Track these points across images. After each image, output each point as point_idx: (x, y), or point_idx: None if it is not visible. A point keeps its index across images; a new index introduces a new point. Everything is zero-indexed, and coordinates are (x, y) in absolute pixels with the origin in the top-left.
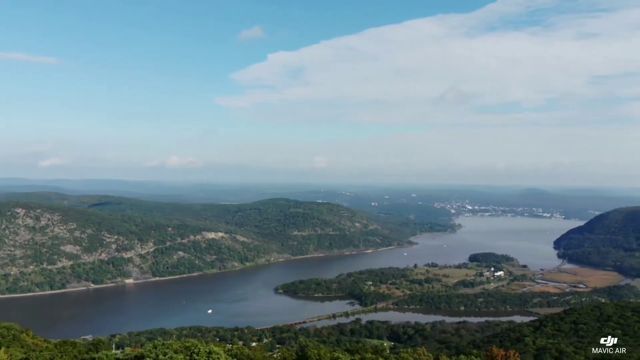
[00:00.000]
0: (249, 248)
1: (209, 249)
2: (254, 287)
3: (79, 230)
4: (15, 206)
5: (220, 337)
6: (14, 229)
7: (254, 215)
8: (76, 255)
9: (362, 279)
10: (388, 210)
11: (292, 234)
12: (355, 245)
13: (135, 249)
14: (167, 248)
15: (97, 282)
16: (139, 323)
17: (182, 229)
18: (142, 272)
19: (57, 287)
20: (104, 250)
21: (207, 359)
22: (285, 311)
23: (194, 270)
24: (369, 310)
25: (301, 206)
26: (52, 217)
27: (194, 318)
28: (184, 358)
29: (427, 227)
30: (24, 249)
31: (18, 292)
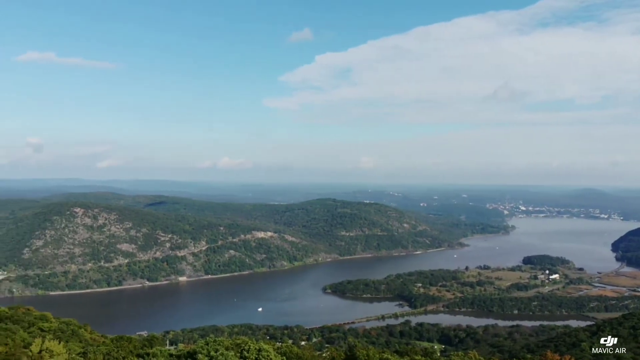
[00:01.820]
0: (297, 248)
1: (258, 248)
2: (302, 286)
3: (134, 229)
4: (74, 206)
5: (270, 335)
6: (73, 227)
7: (302, 215)
8: (132, 254)
9: (411, 280)
10: (437, 210)
11: (340, 234)
12: (404, 246)
13: (189, 247)
14: (219, 247)
15: (152, 279)
16: (192, 320)
17: (233, 228)
18: (195, 270)
19: (114, 284)
20: (159, 248)
21: (257, 356)
22: (333, 311)
23: (245, 269)
24: (418, 312)
25: (348, 206)
26: (109, 217)
27: (244, 316)
28: (235, 355)
29: (478, 229)
30: (83, 247)
31: (77, 288)
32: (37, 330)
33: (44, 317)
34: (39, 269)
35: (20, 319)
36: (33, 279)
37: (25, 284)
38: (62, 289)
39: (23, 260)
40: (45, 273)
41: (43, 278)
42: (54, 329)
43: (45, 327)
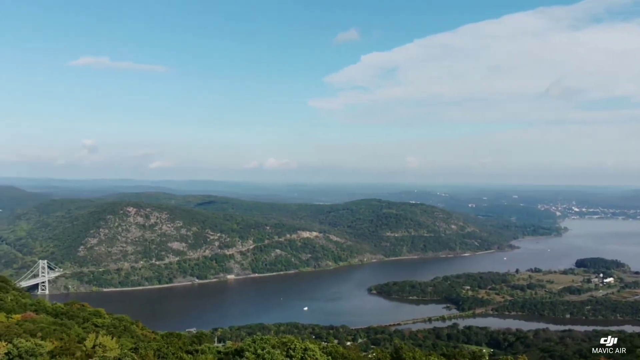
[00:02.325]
0: (342, 248)
1: (304, 247)
2: (347, 286)
3: (185, 228)
4: (127, 205)
5: (316, 335)
6: (126, 226)
7: (347, 215)
8: (182, 252)
9: (459, 283)
10: (486, 212)
11: (385, 235)
12: (452, 247)
13: (237, 246)
14: (266, 246)
15: (201, 277)
16: (240, 318)
17: (279, 228)
18: (242, 269)
19: (165, 282)
20: (208, 247)
21: (303, 355)
22: (379, 312)
23: (290, 268)
24: (466, 315)
25: (394, 207)
26: (161, 216)
27: (290, 314)
28: (281, 354)
29: (529, 230)
30: (135, 245)
31: (129, 285)
32: (91, 325)
33: (98, 313)
34: (93, 267)
35: (75, 314)
36: (88, 276)
37: (80, 280)
38: (115, 286)
39: (78, 258)
40: (99, 270)
41: (97, 275)
42: (107, 324)
43: (99, 323)
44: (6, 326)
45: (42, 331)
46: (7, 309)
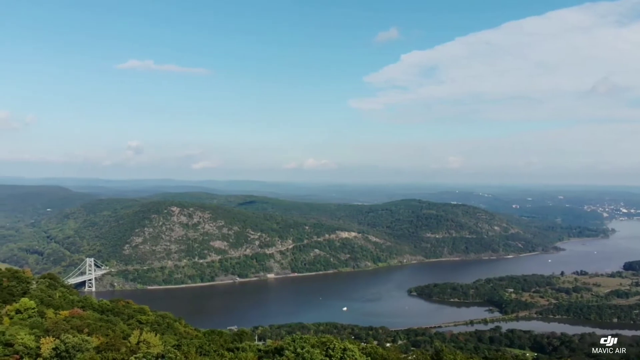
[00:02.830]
0: (381, 248)
1: (342, 247)
2: (387, 287)
3: (226, 227)
4: (171, 205)
5: (355, 335)
6: (170, 225)
7: (386, 215)
8: (224, 251)
9: (502, 285)
10: (531, 213)
11: (425, 236)
12: (494, 249)
13: (276, 245)
14: (305, 246)
15: (242, 275)
16: (279, 316)
17: (317, 228)
18: (282, 268)
19: (207, 280)
20: (249, 246)
21: (342, 355)
22: (419, 314)
23: (329, 268)
24: (509, 319)
25: (434, 207)
26: (203, 215)
27: (329, 314)
28: (321, 353)
29: (575, 232)
30: (179, 244)
31: (172, 283)
32: (135, 322)
33: (142, 310)
34: (138, 265)
35: (121, 311)
36: (132, 274)
37: (125, 278)
38: (159, 284)
39: (124, 256)
40: (143, 268)
41: (142, 273)
42: (151, 321)
43: (143, 320)
44: (54, 322)
45: (88, 327)
46: (55, 305)
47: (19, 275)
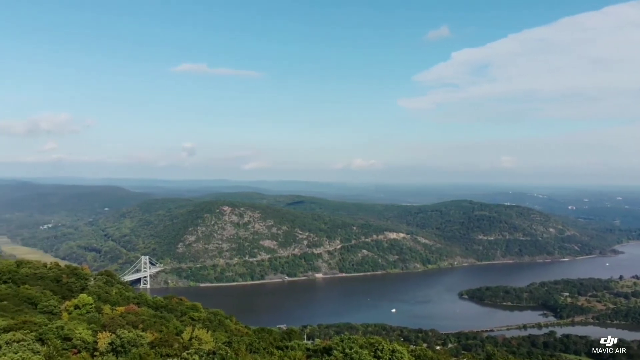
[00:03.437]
0: (430, 250)
1: (391, 248)
2: (437, 290)
3: (275, 227)
4: (223, 204)
5: (404, 337)
6: (221, 224)
7: (436, 217)
8: (273, 250)
9: (557, 289)
10: (588, 214)
11: (477, 238)
12: (549, 252)
13: (324, 245)
14: (352, 246)
15: (291, 275)
16: (328, 316)
17: (365, 228)
18: (330, 268)
19: (257, 278)
20: (297, 245)
21: (390, 357)
22: (470, 317)
23: (378, 269)
24: (564, 323)
25: (486, 209)
26: (253, 215)
27: (378, 315)
28: (369, 354)
29: (635, 235)
30: (230, 242)
31: (224, 281)
32: (188, 319)
33: (195, 307)
34: (191, 262)
35: (174, 308)
36: (186, 272)
37: (178, 275)
38: (211, 281)
39: (177, 254)
40: (196, 266)
41: (195, 271)
42: (203, 318)
43: (195, 317)
44: (111, 318)
45: (143, 323)
46: (111, 301)
47: (77, 272)
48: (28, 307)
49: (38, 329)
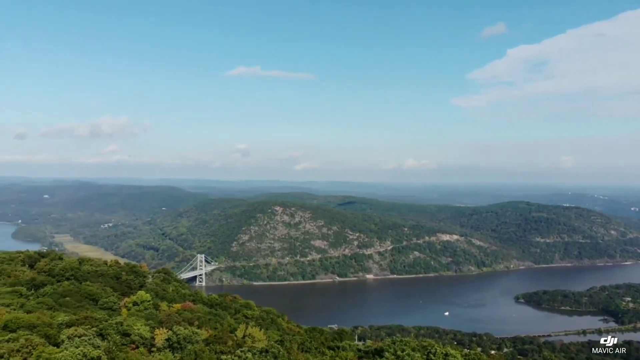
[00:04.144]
0: (485, 253)
1: (443, 250)
2: (492, 293)
3: (326, 227)
4: (275, 205)
5: (458, 341)
6: (273, 224)
7: (491, 218)
8: (324, 250)
9: (618, 293)
10: None
11: (534, 240)
12: (610, 255)
13: (375, 246)
14: (404, 247)
15: (341, 275)
16: (379, 317)
17: (417, 230)
18: (380, 269)
19: (308, 278)
20: (348, 246)
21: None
22: (526, 321)
23: (430, 271)
24: (626, 329)
25: (544, 210)
26: (304, 215)
27: (430, 318)
28: (421, 357)
29: None
30: (281, 242)
31: (276, 280)
32: (241, 317)
33: (248, 305)
34: (244, 261)
35: (228, 305)
36: (239, 270)
37: (232, 274)
38: (264, 280)
39: (231, 253)
40: (249, 265)
41: (248, 269)
42: (256, 316)
43: (249, 315)
44: (167, 314)
45: (198, 320)
46: (168, 298)
47: (136, 269)
48: (89, 303)
49: (99, 325)
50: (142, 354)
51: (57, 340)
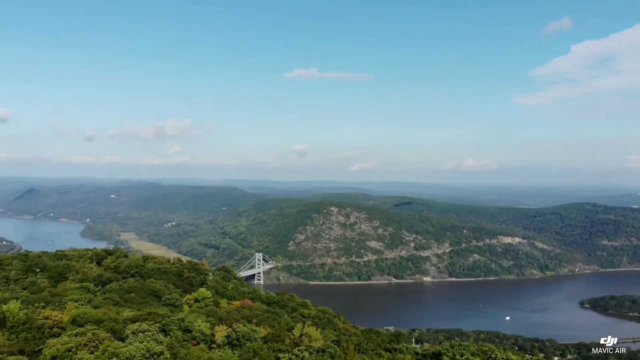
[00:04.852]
0: (549, 256)
1: (505, 253)
2: (555, 298)
3: (381, 228)
4: (330, 205)
5: (519, 346)
6: (329, 224)
7: (555, 220)
8: (379, 251)
9: None
10: None
11: (601, 244)
12: None
13: (432, 248)
14: (463, 250)
15: (398, 277)
16: (437, 321)
17: (477, 232)
18: (438, 272)
19: (364, 279)
20: (404, 247)
21: None
22: (592, 328)
23: (490, 275)
24: None
25: (612, 212)
26: (360, 215)
27: (490, 323)
28: None
29: None
30: (337, 242)
31: (332, 280)
32: (298, 315)
33: (305, 304)
34: (300, 260)
35: (285, 304)
36: (296, 269)
37: (289, 272)
38: (320, 280)
39: (288, 252)
40: (306, 264)
41: (304, 269)
42: (313, 315)
43: (305, 314)
44: (227, 311)
45: (257, 318)
46: (228, 295)
47: (197, 267)
48: (153, 300)
49: (161, 321)
50: (202, 350)
51: (122, 335)
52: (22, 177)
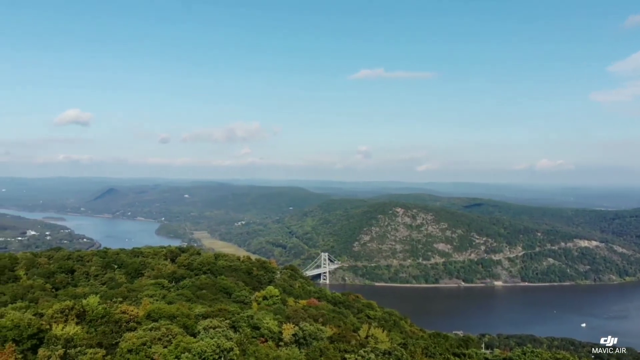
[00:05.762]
0: (629, 261)
1: (581, 258)
2: (635, 304)
3: (450, 230)
4: (396, 206)
5: (595, 355)
6: (394, 226)
7: (635, 223)
8: (447, 254)
9: None
10: None
11: None
12: None
13: (504, 251)
14: (536, 253)
15: (467, 280)
16: (508, 326)
17: (551, 235)
18: (510, 276)
19: (431, 282)
20: (473, 250)
21: None
22: None
23: (565, 279)
24: None
25: None
26: (426, 217)
27: (565, 329)
28: None
29: None
30: (403, 244)
31: (397, 282)
32: (364, 316)
33: (370, 306)
34: (366, 261)
35: (351, 304)
36: (361, 270)
37: (354, 273)
38: (385, 281)
39: (353, 253)
40: (371, 265)
41: (369, 269)
42: (378, 317)
43: (371, 315)
44: (294, 310)
45: (323, 317)
46: (295, 294)
47: (266, 265)
48: (223, 296)
49: (231, 317)
50: (270, 348)
51: (194, 330)
52: (102, 178)
